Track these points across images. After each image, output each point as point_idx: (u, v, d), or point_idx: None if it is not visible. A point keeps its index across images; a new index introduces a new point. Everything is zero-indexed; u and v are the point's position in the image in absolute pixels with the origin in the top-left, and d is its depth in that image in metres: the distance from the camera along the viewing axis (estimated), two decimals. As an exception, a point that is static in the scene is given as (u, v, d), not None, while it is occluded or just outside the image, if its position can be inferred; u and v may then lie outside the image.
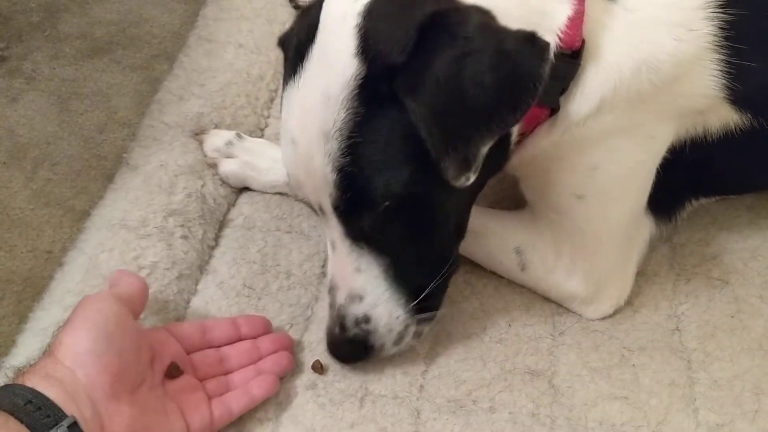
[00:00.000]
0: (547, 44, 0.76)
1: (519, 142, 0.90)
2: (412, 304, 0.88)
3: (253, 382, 0.91)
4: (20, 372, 0.77)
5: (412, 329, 0.90)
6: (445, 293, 0.93)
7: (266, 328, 0.97)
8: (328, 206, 0.83)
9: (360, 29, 0.77)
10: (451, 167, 0.75)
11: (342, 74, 0.77)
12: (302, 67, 0.80)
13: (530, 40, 0.76)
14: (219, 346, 0.94)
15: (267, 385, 0.91)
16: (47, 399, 0.72)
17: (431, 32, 0.74)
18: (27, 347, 0.92)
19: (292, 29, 0.89)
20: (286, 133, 0.83)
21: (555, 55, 0.80)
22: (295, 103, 0.82)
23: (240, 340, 0.95)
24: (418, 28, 0.74)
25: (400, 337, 0.90)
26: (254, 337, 0.95)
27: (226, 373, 0.92)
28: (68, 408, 0.73)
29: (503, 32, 0.76)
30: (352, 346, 0.90)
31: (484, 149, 0.76)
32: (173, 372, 0.88)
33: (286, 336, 0.98)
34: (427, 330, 0.94)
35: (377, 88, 0.76)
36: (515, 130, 0.86)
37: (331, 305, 0.90)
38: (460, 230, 0.91)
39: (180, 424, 0.84)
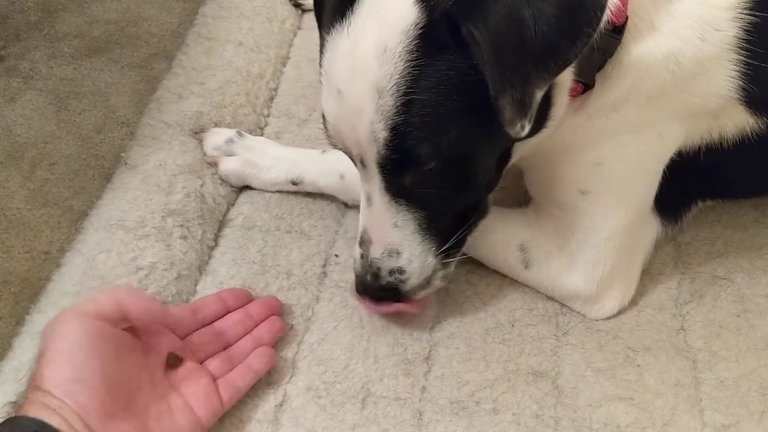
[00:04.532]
0: None
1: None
2: (441, 251, 0.90)
3: (252, 357, 0.93)
4: (17, 405, 0.77)
5: (440, 273, 0.93)
6: (470, 235, 0.95)
7: (250, 298, 1.00)
8: (371, 161, 0.81)
9: None
10: (507, 107, 0.72)
11: (401, 24, 0.73)
12: (352, 11, 0.76)
13: None
14: (211, 323, 0.95)
15: (266, 358, 0.93)
16: (52, 428, 0.73)
17: None
18: (23, 350, 0.92)
19: None
20: (331, 82, 0.79)
21: (602, 27, 0.78)
22: (343, 51, 0.77)
23: (228, 313, 0.97)
24: None
25: (428, 281, 0.93)
26: (242, 307, 0.98)
27: (225, 347, 0.94)
28: None
29: None
30: (385, 292, 0.93)
31: (540, 92, 0.73)
32: (174, 363, 0.88)
33: (274, 299, 1.01)
34: (451, 271, 0.95)
35: (438, 37, 0.73)
36: (564, 92, 0.83)
37: (363, 256, 0.91)
38: (491, 184, 0.91)
39: (189, 419, 0.84)
